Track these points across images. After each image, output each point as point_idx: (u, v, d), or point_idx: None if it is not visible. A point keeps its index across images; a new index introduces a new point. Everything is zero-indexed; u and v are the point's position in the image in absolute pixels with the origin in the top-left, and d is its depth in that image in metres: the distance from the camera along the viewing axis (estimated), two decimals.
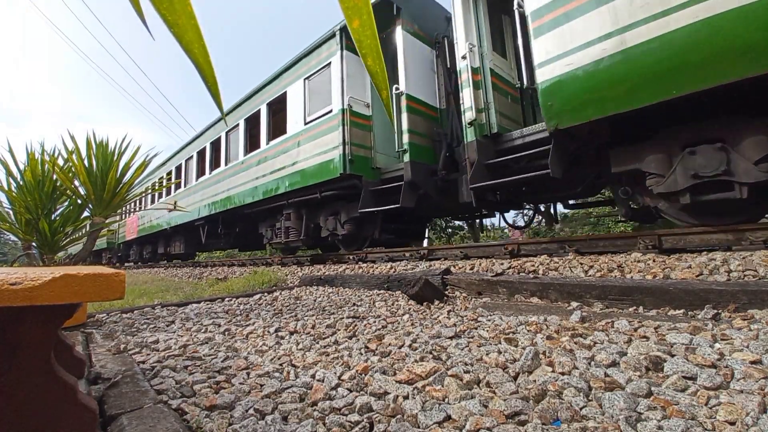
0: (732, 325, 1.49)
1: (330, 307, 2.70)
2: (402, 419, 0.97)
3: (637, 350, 1.27)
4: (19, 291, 0.68)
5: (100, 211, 2.75)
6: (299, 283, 4.47)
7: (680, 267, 2.57)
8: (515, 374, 1.20)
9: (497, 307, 2.31)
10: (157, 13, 0.41)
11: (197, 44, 0.42)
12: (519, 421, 0.92)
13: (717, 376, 1.03)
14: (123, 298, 0.80)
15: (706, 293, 1.79)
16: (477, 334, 1.68)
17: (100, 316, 2.65)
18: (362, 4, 0.44)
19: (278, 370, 1.38)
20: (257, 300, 3.29)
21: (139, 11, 0.42)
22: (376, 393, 1.13)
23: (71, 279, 0.73)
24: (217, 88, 0.44)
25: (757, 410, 0.85)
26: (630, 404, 0.92)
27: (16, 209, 2.59)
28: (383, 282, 3.38)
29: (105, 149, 2.74)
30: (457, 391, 1.07)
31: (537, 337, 1.53)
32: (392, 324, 2.03)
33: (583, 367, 1.18)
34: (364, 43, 0.45)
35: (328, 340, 1.77)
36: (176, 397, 1.16)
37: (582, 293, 2.19)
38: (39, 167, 2.61)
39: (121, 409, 1.01)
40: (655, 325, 1.56)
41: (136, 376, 1.30)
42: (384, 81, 0.48)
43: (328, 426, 0.95)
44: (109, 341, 1.90)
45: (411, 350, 1.50)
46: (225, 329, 2.12)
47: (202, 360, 1.54)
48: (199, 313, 2.73)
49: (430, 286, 2.66)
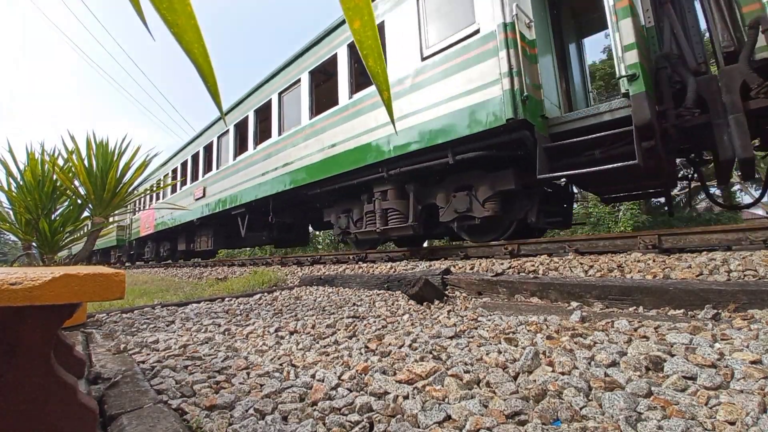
0: (732, 325, 1.49)
1: (330, 307, 2.70)
2: (402, 419, 0.97)
3: (637, 350, 1.27)
4: (19, 291, 0.68)
5: (100, 211, 2.75)
6: (299, 283, 4.47)
7: (680, 267, 2.57)
8: (515, 374, 1.20)
9: (497, 307, 2.31)
10: (157, 13, 0.41)
11: (197, 44, 0.42)
12: (519, 421, 0.92)
13: (717, 376, 1.03)
14: (123, 298, 0.80)
15: (706, 293, 1.79)
16: (477, 334, 1.68)
17: (100, 316, 2.65)
18: (363, 4, 0.43)
19: (278, 370, 1.38)
20: (257, 300, 3.29)
21: (138, 11, 0.42)
22: (376, 393, 1.13)
23: (71, 279, 0.73)
24: (217, 88, 0.44)
25: (757, 410, 0.86)
26: (630, 404, 0.92)
27: (16, 209, 2.59)
28: (383, 282, 3.38)
29: (105, 149, 2.74)
30: (457, 391, 1.08)
31: (537, 337, 1.53)
32: (392, 324, 2.03)
33: (583, 366, 1.18)
34: (365, 44, 0.45)
35: (328, 340, 1.77)
36: (176, 397, 1.16)
37: (582, 293, 2.19)
38: (39, 167, 2.61)
39: (121, 409, 1.02)
40: (655, 324, 1.56)
41: (136, 376, 1.30)
42: (385, 82, 0.48)
43: (328, 426, 0.95)
44: (109, 341, 1.90)
45: (411, 350, 1.50)
46: (225, 329, 2.12)
47: (202, 360, 1.54)
48: (199, 313, 2.73)
49: (430, 286, 2.66)
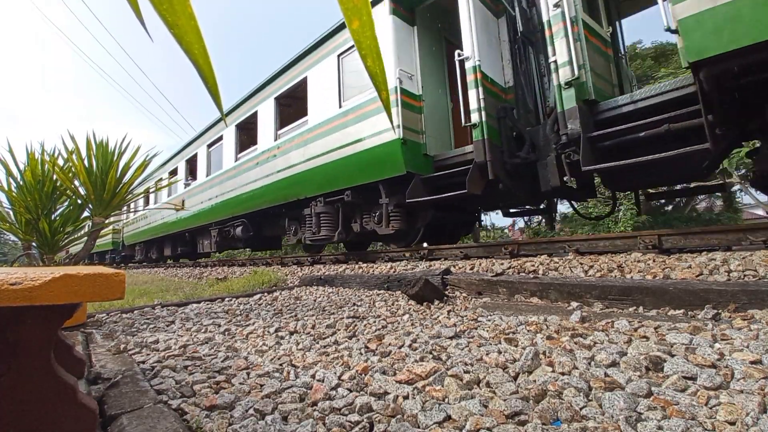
0: (732, 325, 1.49)
1: (330, 307, 2.70)
2: (402, 419, 0.97)
3: (637, 350, 1.27)
4: (19, 291, 0.68)
5: (100, 211, 2.75)
6: (299, 283, 4.47)
7: (680, 267, 2.57)
8: (515, 374, 1.20)
9: (497, 307, 2.31)
10: (157, 13, 0.41)
11: (197, 45, 0.42)
12: (519, 421, 0.92)
13: (717, 376, 1.03)
14: (123, 298, 0.80)
15: (706, 293, 1.79)
16: (477, 334, 1.68)
17: (100, 316, 2.65)
18: (362, 4, 0.43)
19: (278, 370, 1.38)
20: (257, 300, 3.29)
21: (137, 11, 0.42)
22: (376, 393, 1.13)
23: (71, 279, 0.73)
24: (217, 89, 0.44)
25: (757, 410, 0.85)
26: (630, 404, 0.92)
27: (16, 209, 2.59)
28: (383, 282, 3.38)
29: (105, 149, 2.74)
30: (457, 391, 1.08)
31: (537, 337, 1.53)
32: (392, 324, 2.03)
33: (583, 367, 1.18)
34: (364, 44, 0.45)
35: (328, 340, 1.77)
36: (176, 397, 1.16)
37: (582, 293, 2.19)
38: (39, 167, 2.61)
39: (121, 409, 1.02)
40: (655, 325, 1.56)
41: (136, 376, 1.30)
42: (384, 82, 0.48)
43: (328, 426, 0.95)
44: (109, 341, 1.90)
45: (411, 350, 1.50)
46: (225, 329, 2.12)
47: (202, 360, 1.54)
48: (199, 313, 2.73)
49: (430, 286, 2.66)
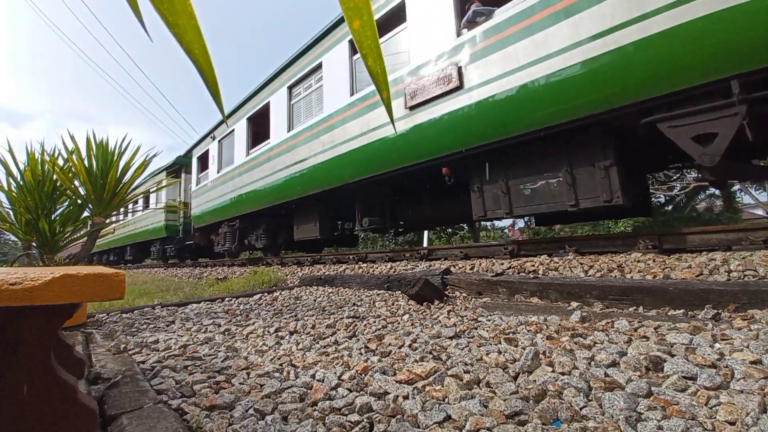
0: (732, 325, 1.49)
1: (330, 307, 2.70)
2: (402, 419, 0.97)
3: (637, 350, 1.27)
4: (19, 291, 0.68)
5: (100, 211, 2.75)
6: (299, 283, 4.47)
7: (680, 267, 2.57)
8: (515, 374, 1.20)
9: (497, 307, 2.31)
10: (157, 13, 0.41)
11: (197, 45, 0.42)
12: (519, 421, 0.92)
13: (717, 376, 1.03)
14: (123, 298, 0.80)
15: (706, 293, 1.79)
16: (477, 334, 1.68)
17: (100, 316, 2.65)
18: (363, 4, 0.43)
19: (278, 370, 1.38)
20: (257, 300, 3.29)
21: (136, 10, 0.42)
22: (376, 393, 1.13)
23: (71, 279, 0.73)
24: (218, 88, 0.44)
25: (757, 410, 0.85)
26: (630, 404, 0.92)
27: (16, 209, 2.58)
28: (383, 282, 3.38)
29: (105, 149, 2.74)
30: (457, 391, 1.07)
31: (537, 337, 1.53)
32: (392, 324, 2.03)
33: (583, 367, 1.18)
34: (365, 44, 0.45)
35: (328, 340, 1.77)
36: (176, 397, 1.16)
37: (582, 293, 2.19)
38: (39, 167, 2.61)
39: (121, 409, 1.01)
40: (655, 325, 1.56)
41: (136, 376, 1.30)
42: (385, 81, 0.48)
43: (328, 426, 0.95)
44: (109, 341, 1.90)
45: (411, 350, 1.50)
46: (225, 329, 2.12)
47: (202, 360, 1.54)
48: (199, 313, 2.73)
49: (430, 286, 2.66)
